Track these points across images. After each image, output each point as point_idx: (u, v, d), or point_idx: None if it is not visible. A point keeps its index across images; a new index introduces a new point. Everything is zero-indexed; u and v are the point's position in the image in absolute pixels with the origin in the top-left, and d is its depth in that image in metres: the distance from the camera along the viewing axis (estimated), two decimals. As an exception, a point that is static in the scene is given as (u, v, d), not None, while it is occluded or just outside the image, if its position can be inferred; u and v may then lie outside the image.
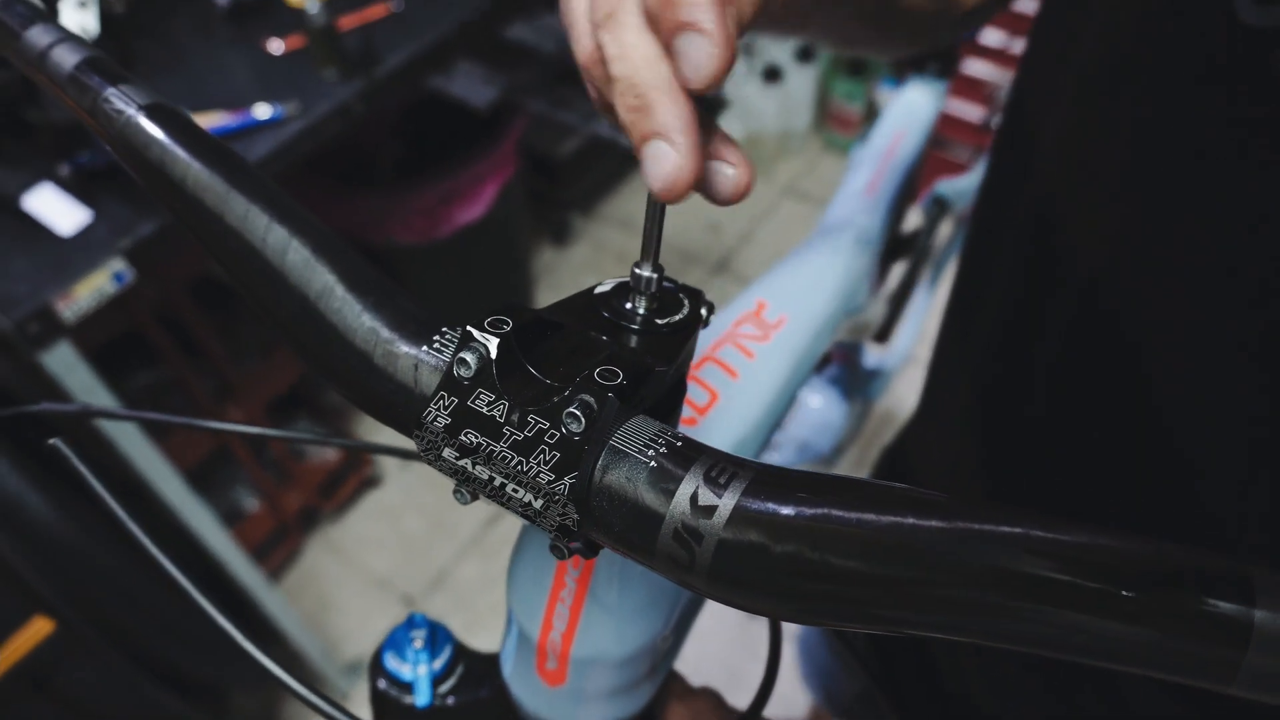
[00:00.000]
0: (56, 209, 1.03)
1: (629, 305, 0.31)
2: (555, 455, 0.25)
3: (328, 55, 1.18)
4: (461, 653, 0.46)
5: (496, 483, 0.26)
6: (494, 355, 0.27)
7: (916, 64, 0.88)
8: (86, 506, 1.08)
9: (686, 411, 0.43)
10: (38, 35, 0.34)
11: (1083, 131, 0.42)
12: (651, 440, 0.26)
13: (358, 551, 1.93)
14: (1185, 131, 0.35)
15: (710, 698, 0.42)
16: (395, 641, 0.46)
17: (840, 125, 2.66)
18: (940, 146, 2.16)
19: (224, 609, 0.37)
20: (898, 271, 1.00)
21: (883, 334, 0.96)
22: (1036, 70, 0.50)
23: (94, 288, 0.99)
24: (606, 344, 0.28)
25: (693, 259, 2.48)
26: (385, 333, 0.29)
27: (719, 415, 0.43)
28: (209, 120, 1.12)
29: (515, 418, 0.26)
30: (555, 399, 0.26)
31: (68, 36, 0.34)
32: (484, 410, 0.27)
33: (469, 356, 0.27)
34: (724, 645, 1.62)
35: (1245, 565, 0.19)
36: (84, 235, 1.02)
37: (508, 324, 0.27)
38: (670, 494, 0.25)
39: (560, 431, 0.26)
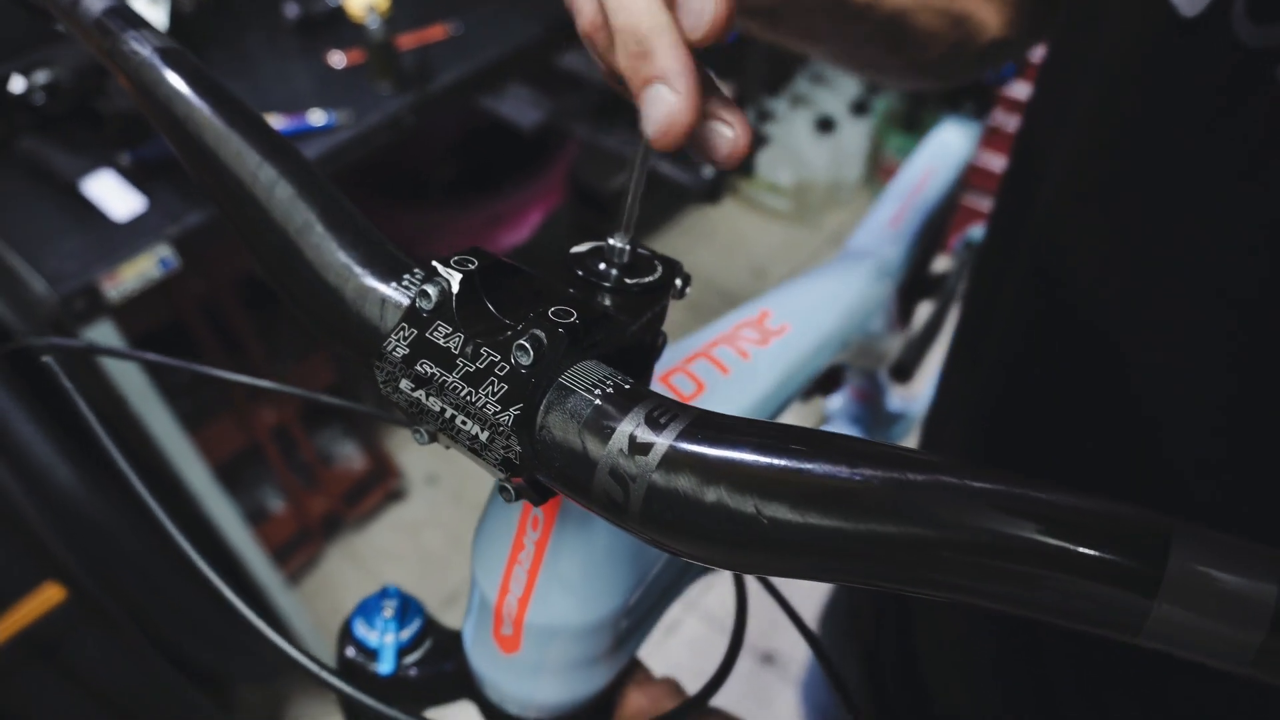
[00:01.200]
0: (114, 194, 1.07)
1: (601, 266, 0.32)
2: (503, 387, 0.26)
3: (384, 69, 1.23)
4: (431, 627, 0.46)
5: (448, 414, 0.27)
6: (455, 290, 0.27)
7: (952, 103, 0.89)
8: (114, 482, 1.10)
9: (685, 384, 0.43)
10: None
11: (1087, 161, 0.42)
12: (600, 381, 0.26)
13: (377, 562, 1.94)
14: (1189, 154, 0.35)
15: (669, 686, 0.41)
16: (366, 609, 0.46)
17: (891, 178, 2.66)
18: (969, 195, 2.16)
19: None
20: (925, 312, 0.99)
21: (905, 373, 0.95)
22: (1043, 105, 0.50)
23: (139, 271, 1.03)
24: (570, 293, 0.29)
25: (736, 301, 2.48)
26: (357, 268, 0.30)
27: (703, 404, 0.43)
28: (266, 122, 1.17)
29: (469, 350, 0.27)
30: (508, 333, 0.27)
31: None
32: (440, 342, 0.27)
33: (431, 290, 0.28)
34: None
35: (1168, 518, 0.19)
36: (136, 222, 1.06)
37: (473, 263, 0.28)
38: (610, 432, 0.25)
39: (509, 364, 0.26)
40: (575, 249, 0.33)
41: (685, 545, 0.25)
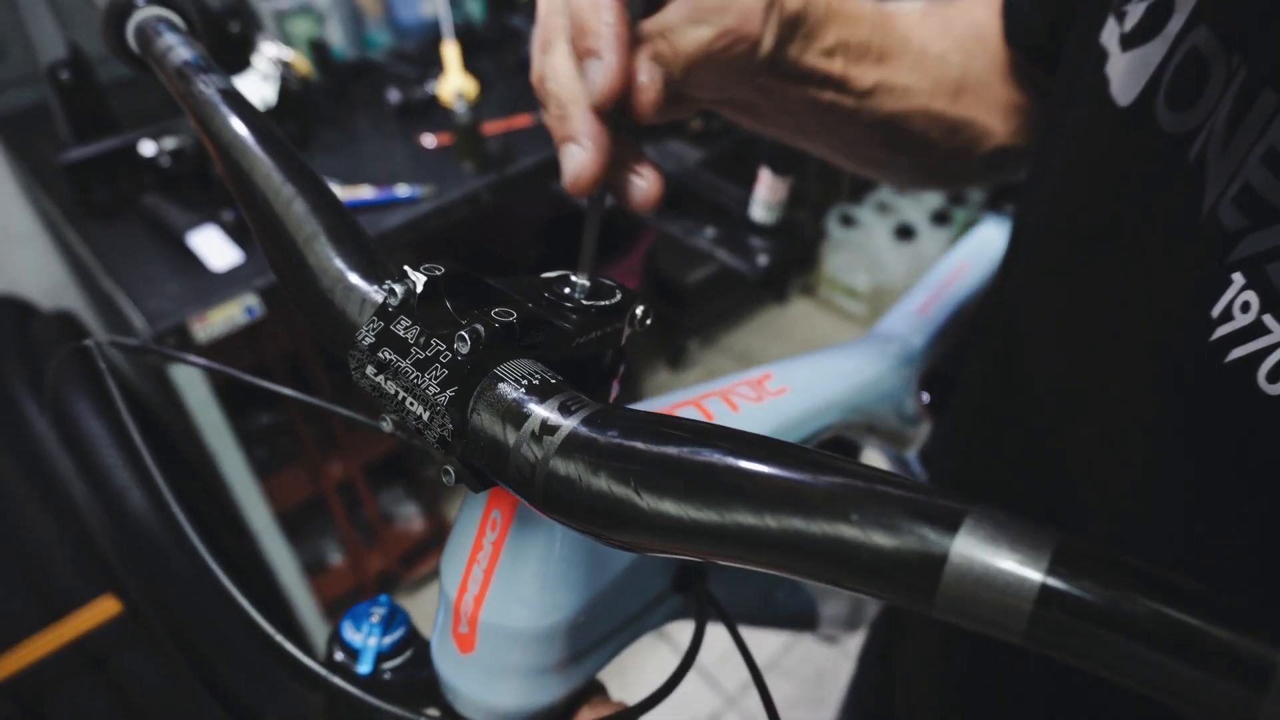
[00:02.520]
0: (214, 247, 1.18)
1: (565, 290, 0.36)
2: (444, 372, 0.30)
3: (469, 151, 1.33)
4: (414, 638, 0.49)
5: (400, 396, 0.31)
6: (419, 290, 0.32)
7: (993, 203, 0.91)
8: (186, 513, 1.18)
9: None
10: (168, 39, 0.43)
11: (1047, 241, 0.45)
12: (528, 374, 0.30)
13: (424, 629, 1.96)
14: (1124, 234, 0.38)
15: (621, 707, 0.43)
16: (356, 614, 0.49)
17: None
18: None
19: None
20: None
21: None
22: (1024, 190, 0.52)
23: (227, 316, 1.12)
24: (523, 303, 0.33)
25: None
26: (348, 274, 0.34)
27: None
28: (357, 192, 1.28)
29: (422, 340, 0.31)
30: (456, 329, 0.30)
31: (186, 41, 0.43)
32: (400, 333, 0.31)
33: (398, 288, 0.32)
34: None
35: (970, 503, 0.21)
36: (231, 272, 1.17)
37: (439, 271, 0.32)
38: (525, 417, 0.28)
39: (451, 353, 0.30)
40: (545, 275, 0.37)
41: (579, 523, 0.27)
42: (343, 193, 1.25)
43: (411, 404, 0.30)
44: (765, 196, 1.17)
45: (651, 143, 1.52)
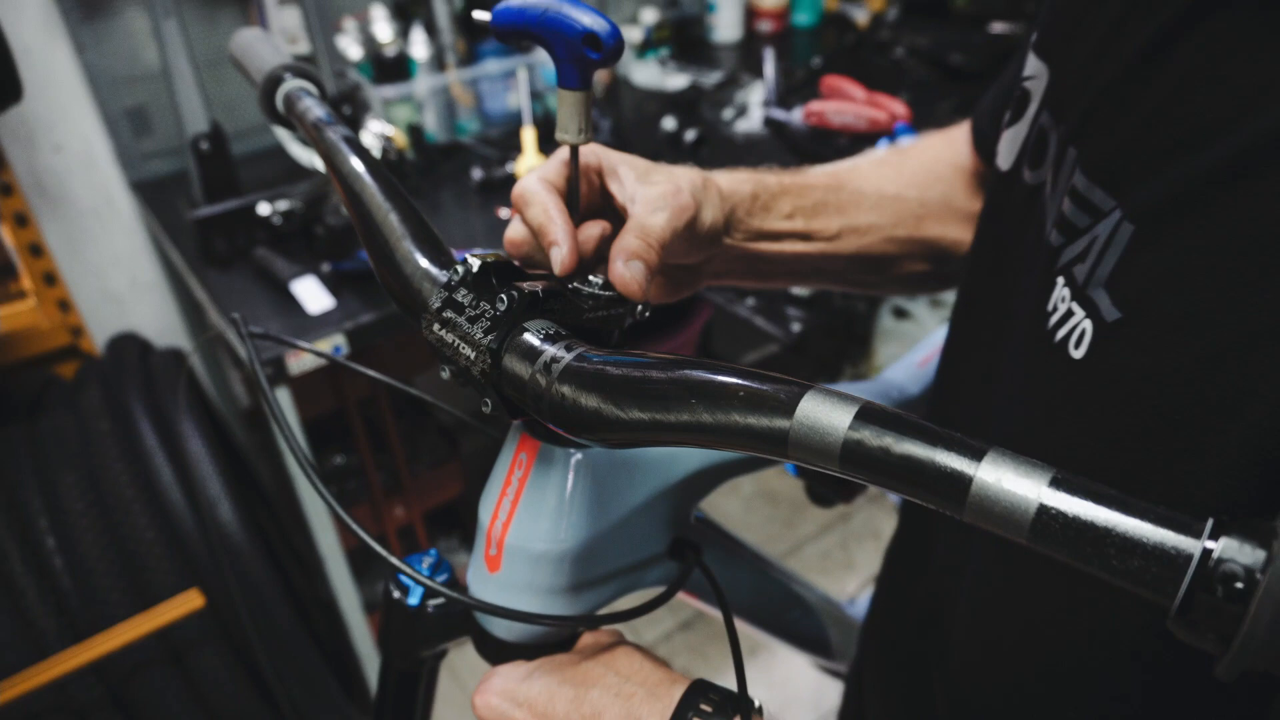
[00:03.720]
0: (312, 294, 1.35)
1: (586, 284, 0.48)
2: (487, 324, 0.42)
3: (539, 222, 1.49)
4: (453, 584, 0.60)
5: (455, 344, 0.43)
6: (475, 270, 0.44)
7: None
8: (260, 529, 1.31)
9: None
10: (307, 102, 0.58)
11: (965, 288, 0.57)
12: (545, 328, 0.41)
13: (469, 678, 2.04)
14: (1003, 259, 0.49)
15: (618, 634, 0.52)
16: (410, 561, 0.60)
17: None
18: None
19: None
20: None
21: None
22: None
23: (321, 349, 1.28)
24: (548, 282, 0.45)
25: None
26: (423, 262, 0.47)
27: None
28: (438, 253, 1.44)
29: (474, 302, 0.43)
30: (497, 296, 0.43)
31: (319, 103, 0.58)
32: (459, 299, 0.44)
33: (460, 268, 0.44)
34: None
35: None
36: (324, 315, 1.33)
37: (491, 258, 0.45)
38: (539, 355, 0.40)
39: (494, 311, 0.42)
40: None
41: (576, 429, 0.38)
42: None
43: (463, 348, 0.42)
44: (801, 269, 1.29)
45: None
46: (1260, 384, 0.32)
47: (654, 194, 0.51)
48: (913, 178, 0.69)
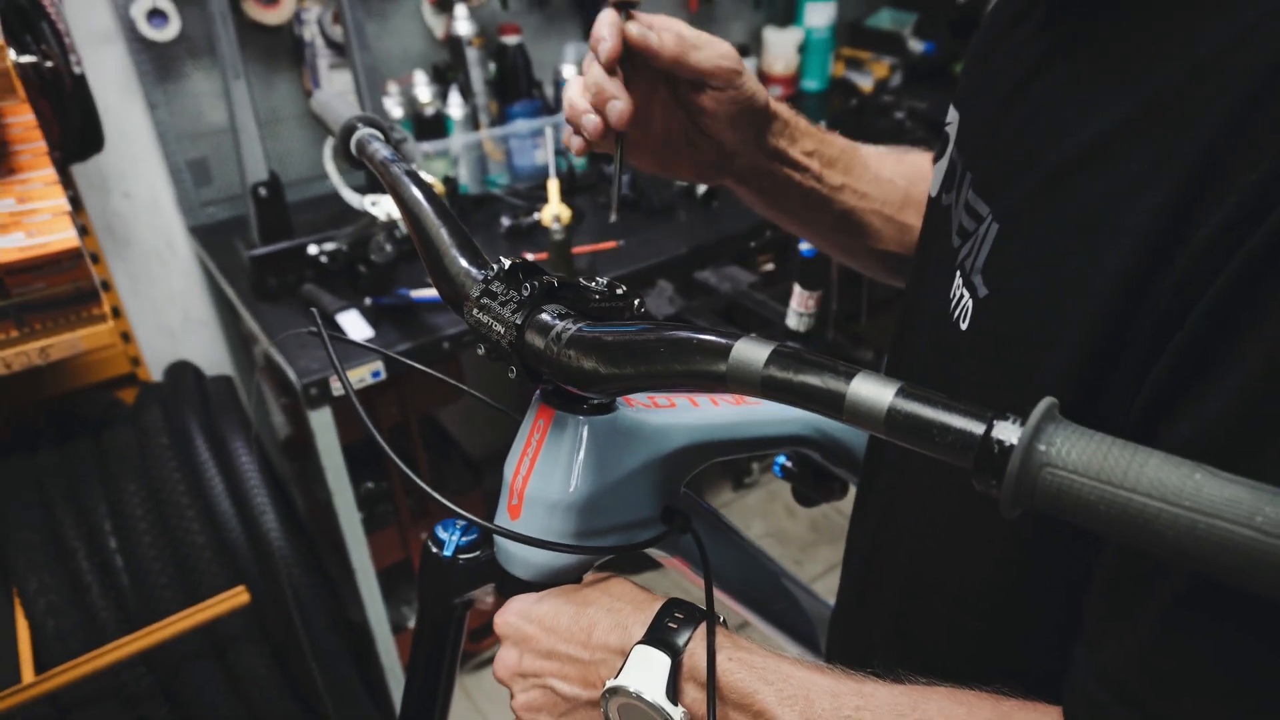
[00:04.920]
0: (354, 325, 1.50)
1: (594, 282, 0.61)
2: (514, 306, 0.54)
3: (560, 265, 1.63)
4: (487, 541, 0.71)
5: (489, 322, 0.55)
6: (506, 267, 0.57)
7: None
8: (300, 536, 1.43)
9: (660, 399, 0.69)
10: (375, 145, 0.72)
11: (906, 288, 0.69)
12: (558, 310, 0.54)
13: (484, 702, 2.12)
14: (925, 265, 0.62)
15: (619, 575, 0.64)
16: (446, 524, 0.72)
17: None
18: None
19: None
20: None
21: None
22: None
23: (359, 376, 1.41)
24: (562, 277, 0.57)
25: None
26: (465, 263, 0.60)
27: (677, 410, 0.69)
28: (468, 291, 1.59)
29: (504, 290, 0.56)
30: (522, 285, 0.55)
31: (385, 145, 0.72)
32: (494, 289, 0.56)
33: (495, 266, 0.57)
34: None
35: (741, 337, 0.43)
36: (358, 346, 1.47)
37: (519, 260, 0.58)
38: (551, 328, 0.52)
39: (520, 295, 0.55)
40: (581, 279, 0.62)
41: (579, 385, 0.51)
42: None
43: (495, 326, 0.55)
44: (797, 307, 1.41)
45: (715, 268, 1.80)
46: (1064, 332, 0.43)
47: (700, 42, 0.66)
48: (905, 172, 0.83)
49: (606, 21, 0.64)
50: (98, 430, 1.46)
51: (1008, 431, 0.35)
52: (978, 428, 0.36)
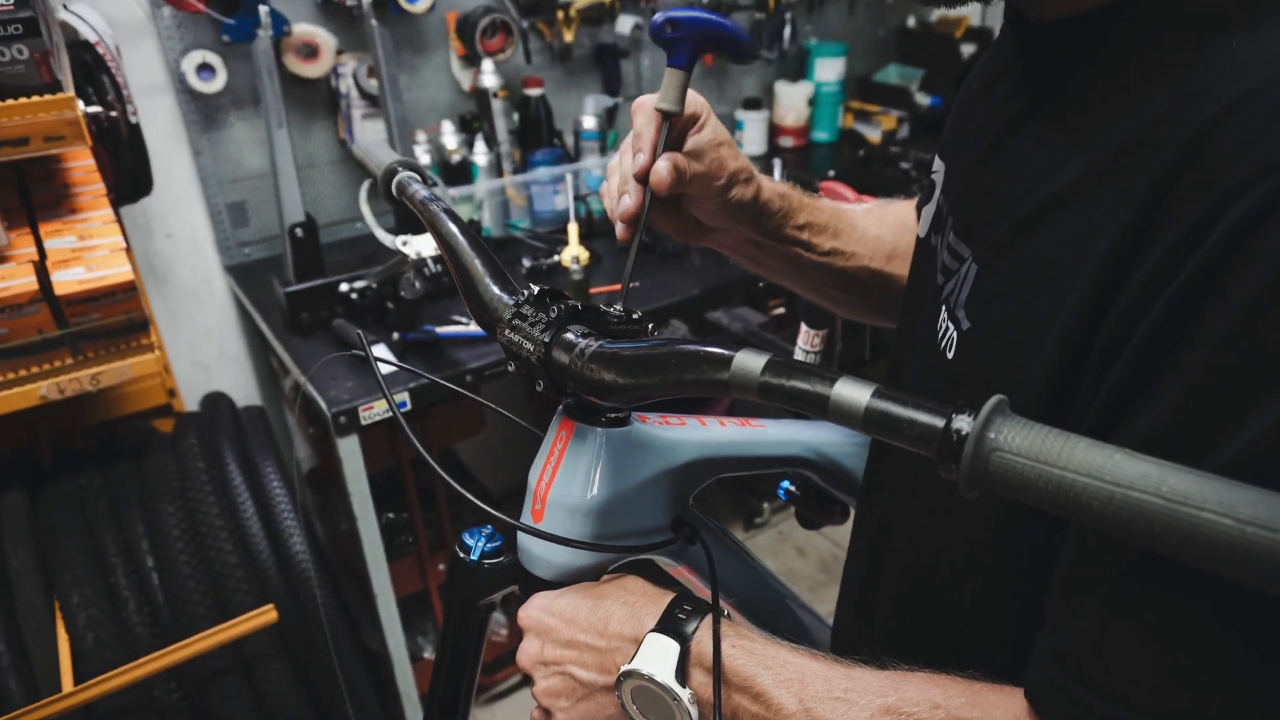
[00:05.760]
0: (383, 358, 1.57)
1: (613, 308, 0.68)
2: (543, 326, 0.61)
3: (579, 303, 1.71)
4: (505, 550, 0.77)
5: (519, 340, 0.62)
6: (535, 293, 0.64)
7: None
8: (324, 560, 1.49)
9: (672, 419, 0.76)
10: (414, 186, 0.80)
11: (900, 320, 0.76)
12: (581, 330, 0.61)
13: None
14: (915, 302, 0.69)
15: (635, 576, 0.69)
16: (473, 531, 0.78)
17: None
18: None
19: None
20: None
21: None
22: None
23: (384, 407, 1.48)
24: (585, 302, 0.64)
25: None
26: (497, 290, 0.67)
27: (687, 427, 0.76)
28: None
29: (533, 313, 0.63)
30: (549, 308, 0.62)
31: (423, 185, 0.80)
32: (524, 312, 0.63)
33: (525, 292, 0.64)
34: None
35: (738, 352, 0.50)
36: (392, 376, 1.54)
37: (546, 286, 0.65)
38: (574, 346, 0.59)
39: (547, 317, 0.62)
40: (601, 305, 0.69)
41: (600, 396, 0.57)
42: (473, 327, 1.64)
43: (525, 344, 0.62)
44: (804, 345, 1.47)
45: (726, 309, 1.87)
46: (1036, 359, 0.50)
47: (710, 154, 0.72)
48: (890, 225, 0.89)
49: (648, 137, 0.69)
50: (138, 455, 1.53)
51: (964, 423, 0.41)
52: (939, 421, 0.42)
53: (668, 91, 0.68)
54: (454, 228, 0.73)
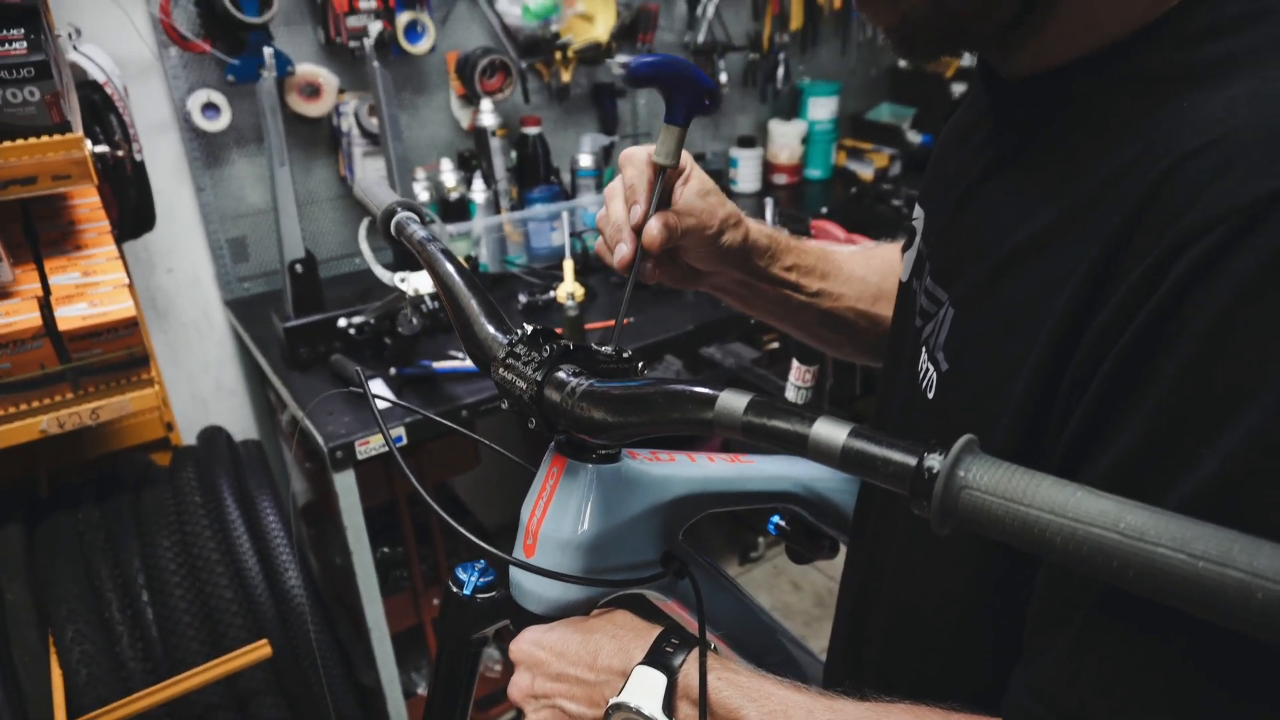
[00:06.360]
0: (380, 393, 1.59)
1: (604, 348, 0.70)
2: (535, 365, 0.63)
3: (572, 339, 1.73)
4: (502, 583, 0.78)
5: (512, 379, 0.64)
6: (528, 333, 0.66)
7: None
8: (318, 598, 1.49)
9: (662, 455, 0.77)
10: (412, 226, 0.82)
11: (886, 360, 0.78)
12: (572, 369, 0.63)
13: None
14: (897, 343, 0.71)
15: (625, 611, 0.70)
16: (465, 566, 0.80)
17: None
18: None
19: None
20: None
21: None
22: None
23: (380, 441, 1.50)
24: (576, 342, 0.66)
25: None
26: (492, 330, 0.69)
27: (677, 463, 0.77)
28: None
29: (526, 352, 0.65)
30: (542, 348, 0.64)
31: (421, 226, 0.82)
32: (517, 351, 0.65)
33: (518, 332, 0.66)
34: None
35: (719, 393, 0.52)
36: (388, 411, 1.56)
37: (539, 326, 0.67)
38: (565, 384, 0.61)
39: (539, 356, 0.64)
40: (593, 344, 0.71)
41: (590, 433, 0.59)
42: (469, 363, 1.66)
43: (518, 383, 0.64)
44: (795, 381, 1.49)
45: (720, 345, 1.90)
46: (1009, 401, 0.52)
47: (699, 204, 0.74)
48: (876, 267, 0.92)
49: (642, 189, 0.71)
50: (136, 488, 1.54)
51: (935, 461, 0.43)
52: (912, 459, 0.44)
53: (664, 146, 0.71)
54: (450, 268, 0.76)
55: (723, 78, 2.58)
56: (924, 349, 0.62)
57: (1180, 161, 0.43)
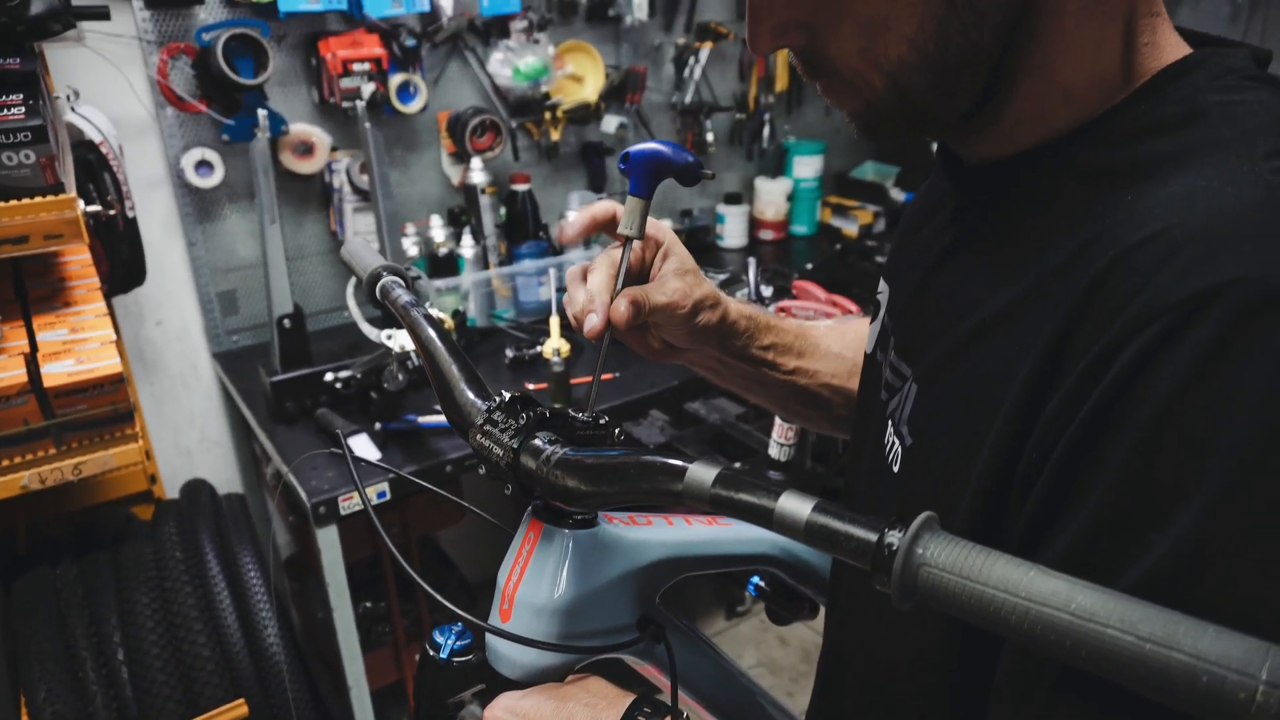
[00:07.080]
0: (364, 448, 1.59)
1: (580, 415, 0.71)
2: (511, 433, 0.64)
3: (559, 395, 1.74)
4: (474, 648, 0.78)
5: (490, 445, 0.65)
6: (506, 399, 0.67)
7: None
8: (297, 653, 1.48)
9: (639, 518, 0.78)
10: (396, 290, 0.84)
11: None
12: (547, 437, 0.64)
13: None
14: (864, 415, 0.72)
15: (598, 678, 0.70)
16: (442, 629, 0.80)
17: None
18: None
19: None
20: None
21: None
22: None
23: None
24: (552, 409, 0.67)
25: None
26: (471, 395, 0.70)
27: (654, 527, 0.78)
28: (472, 417, 1.69)
29: (503, 419, 0.66)
30: (519, 415, 0.65)
31: (405, 290, 0.84)
32: (495, 417, 0.66)
33: (496, 399, 0.68)
34: None
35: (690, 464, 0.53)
36: (372, 466, 1.56)
37: (518, 394, 0.68)
38: (541, 452, 0.62)
39: (515, 424, 0.65)
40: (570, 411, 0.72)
41: (565, 500, 0.60)
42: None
43: (495, 449, 0.65)
44: (778, 438, 1.51)
45: (704, 400, 1.91)
46: (970, 477, 0.53)
47: (674, 283, 0.75)
48: (850, 343, 0.93)
49: (604, 266, 0.72)
50: (116, 543, 1.53)
51: (895, 538, 0.44)
52: (873, 535, 0.45)
53: (629, 217, 0.73)
54: (432, 333, 0.77)
55: (709, 137, 2.64)
56: (890, 422, 0.63)
57: (1125, 252, 0.45)
